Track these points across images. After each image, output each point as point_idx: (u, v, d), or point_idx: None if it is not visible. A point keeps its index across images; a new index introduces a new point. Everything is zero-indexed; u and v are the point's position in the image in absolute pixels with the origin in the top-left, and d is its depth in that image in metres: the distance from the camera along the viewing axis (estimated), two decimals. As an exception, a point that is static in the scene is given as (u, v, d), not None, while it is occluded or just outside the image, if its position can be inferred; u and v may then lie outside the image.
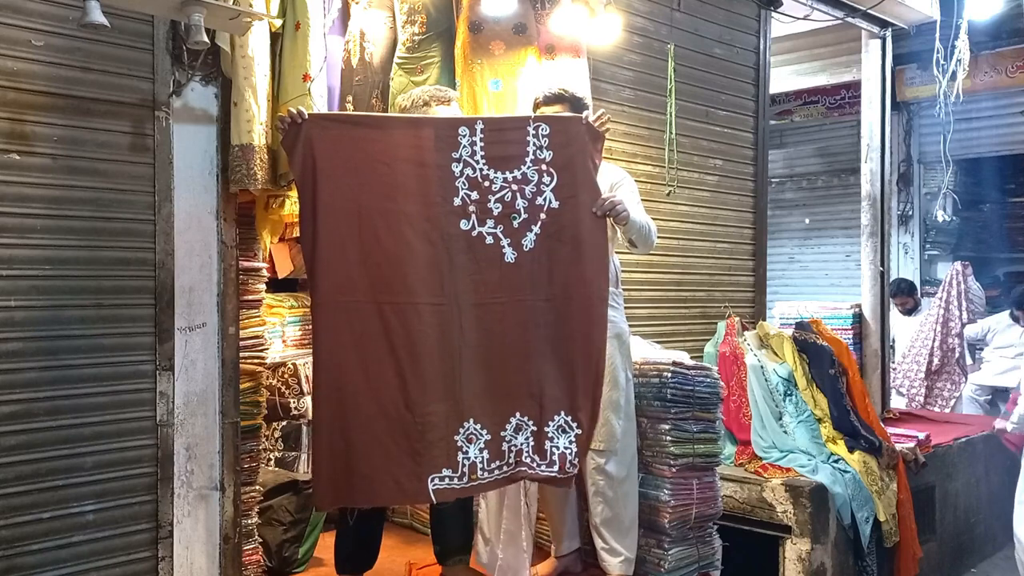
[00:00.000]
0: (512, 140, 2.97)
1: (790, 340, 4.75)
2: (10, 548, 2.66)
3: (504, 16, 3.77)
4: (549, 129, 2.98)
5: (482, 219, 2.94)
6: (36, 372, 2.72)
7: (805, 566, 4.11)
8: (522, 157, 2.96)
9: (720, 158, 5.18)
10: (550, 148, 2.97)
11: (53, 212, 2.76)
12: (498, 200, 2.95)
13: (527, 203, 2.96)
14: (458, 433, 2.89)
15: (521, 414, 2.95)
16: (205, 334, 3.07)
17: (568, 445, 2.94)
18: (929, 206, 8.54)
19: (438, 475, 2.87)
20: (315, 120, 2.86)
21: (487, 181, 2.94)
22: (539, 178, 2.96)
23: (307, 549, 3.72)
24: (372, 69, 3.93)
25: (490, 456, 2.92)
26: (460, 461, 2.89)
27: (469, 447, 2.90)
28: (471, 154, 2.94)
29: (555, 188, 2.96)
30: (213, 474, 3.10)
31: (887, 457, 4.60)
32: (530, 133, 2.97)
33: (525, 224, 2.96)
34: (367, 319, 2.83)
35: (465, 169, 2.93)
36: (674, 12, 4.87)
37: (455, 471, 2.88)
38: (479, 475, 2.90)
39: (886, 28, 6.14)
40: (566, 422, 2.95)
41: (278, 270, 4.75)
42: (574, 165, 2.98)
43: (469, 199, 2.93)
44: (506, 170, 2.95)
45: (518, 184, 2.96)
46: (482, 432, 2.92)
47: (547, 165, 2.97)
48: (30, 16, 2.70)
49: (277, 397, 4.30)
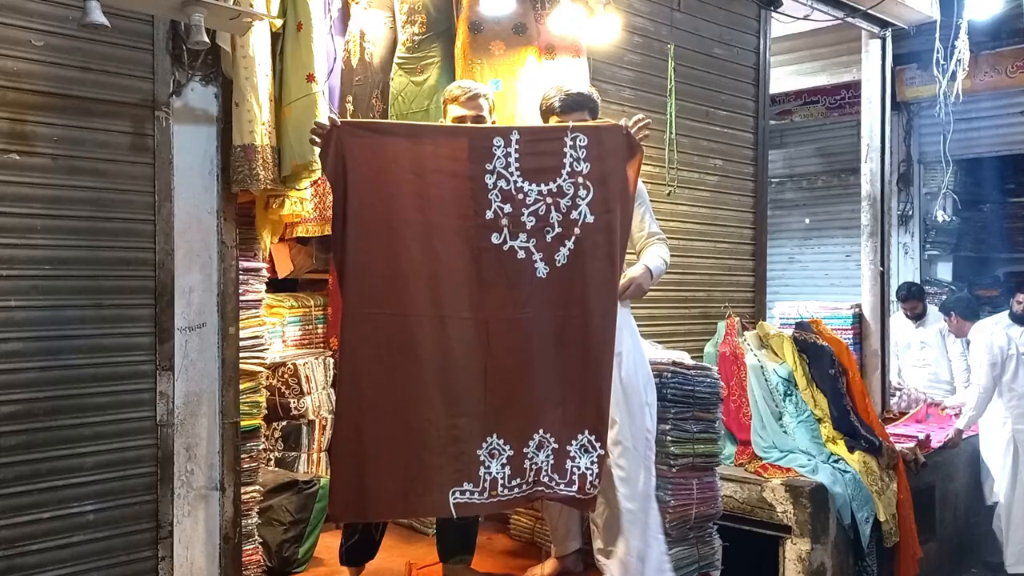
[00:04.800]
0: (548, 151, 2.90)
1: (790, 340, 4.75)
2: (10, 548, 2.66)
3: (504, 16, 3.78)
4: (587, 140, 2.90)
5: (514, 233, 2.87)
6: (36, 372, 2.72)
7: (805, 566, 4.12)
8: (558, 169, 2.88)
9: (720, 158, 5.18)
10: (588, 160, 2.89)
11: (53, 212, 2.75)
12: (532, 213, 2.88)
13: (561, 217, 2.88)
14: (481, 448, 2.86)
15: (544, 431, 2.91)
16: (205, 334, 3.07)
17: (590, 465, 2.90)
18: (929, 206, 8.52)
19: (459, 489, 2.84)
20: (347, 128, 2.83)
21: (521, 194, 2.87)
22: (575, 191, 2.89)
23: (307, 549, 3.72)
24: (372, 69, 3.94)
25: (511, 473, 2.88)
26: (482, 476, 2.85)
27: (491, 462, 2.87)
28: (505, 166, 2.87)
29: (591, 202, 2.88)
30: (213, 474, 3.10)
31: (887, 457, 4.60)
32: (567, 144, 2.89)
33: (559, 239, 2.89)
34: (393, 331, 2.80)
35: (499, 181, 2.86)
36: (674, 12, 4.87)
37: (476, 486, 2.85)
38: (500, 491, 2.87)
39: (886, 28, 6.13)
40: (589, 441, 2.91)
41: (278, 270, 4.75)
42: (611, 178, 2.91)
43: (502, 212, 2.86)
44: (541, 182, 2.88)
45: (553, 197, 2.88)
46: (505, 448, 2.89)
47: (584, 177, 2.89)
48: (30, 16, 2.70)
49: (277, 397, 4.30)
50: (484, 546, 3.74)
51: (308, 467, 4.30)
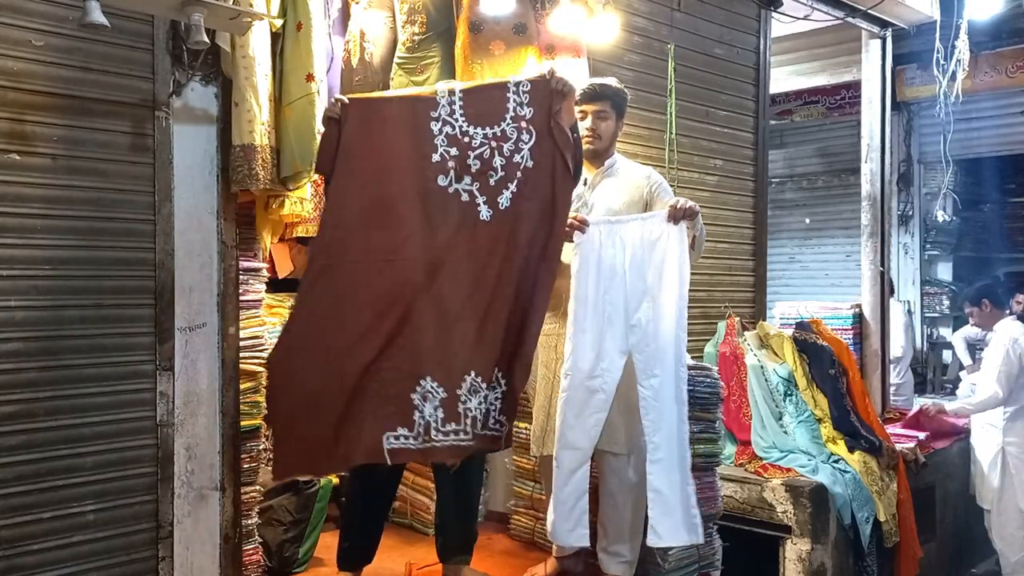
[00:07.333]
0: (491, 98, 2.97)
1: (790, 340, 4.75)
2: (10, 548, 2.66)
3: (504, 16, 3.77)
4: (530, 86, 2.97)
5: (460, 175, 2.94)
6: (36, 372, 2.72)
7: (805, 566, 4.12)
8: (502, 114, 2.95)
9: (720, 158, 5.18)
10: (530, 105, 2.96)
11: (53, 212, 2.75)
12: (477, 157, 2.94)
13: (505, 161, 2.94)
14: (415, 391, 2.86)
15: (475, 374, 2.90)
16: (205, 334, 3.07)
17: (494, 402, 2.91)
18: (929, 206, 8.53)
19: (393, 434, 2.85)
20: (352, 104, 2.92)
21: (466, 137, 2.94)
22: (518, 135, 2.95)
23: (307, 549, 3.72)
24: (372, 69, 3.94)
25: (445, 416, 2.87)
26: (416, 420, 2.86)
27: (425, 405, 2.86)
28: (450, 113, 2.94)
29: (532, 147, 2.95)
30: (213, 474, 3.09)
31: (887, 457, 4.61)
32: (510, 90, 2.96)
33: (501, 182, 2.95)
34: (341, 279, 2.86)
35: (444, 127, 2.93)
36: (674, 12, 4.87)
37: (411, 430, 2.85)
38: (434, 436, 2.86)
39: (886, 28, 6.13)
40: (497, 379, 2.92)
41: (278, 270, 4.74)
42: (550, 124, 2.96)
43: (448, 155, 2.93)
44: (486, 126, 2.95)
45: (497, 141, 2.95)
46: (438, 390, 2.88)
47: (527, 123, 2.95)
48: (30, 16, 2.70)
49: (277, 397, 4.29)
50: (484, 546, 3.74)
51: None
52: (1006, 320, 5.51)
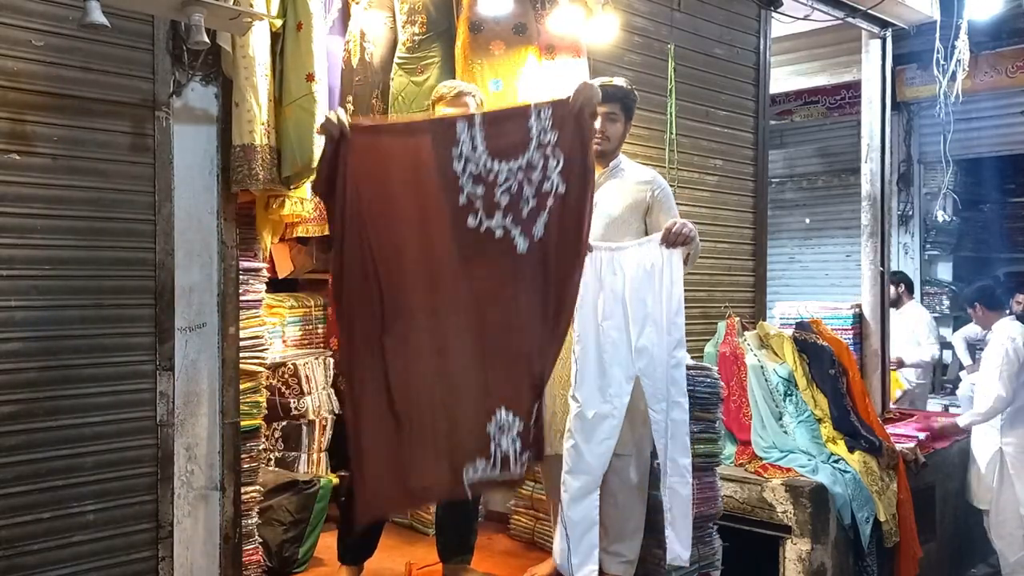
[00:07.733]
0: (515, 127, 2.87)
1: (790, 340, 4.75)
2: (10, 548, 2.66)
3: (504, 16, 3.78)
4: (552, 109, 2.88)
5: (490, 212, 2.85)
6: (36, 372, 2.72)
7: (805, 566, 4.12)
8: (526, 144, 2.85)
9: (720, 158, 5.18)
10: (555, 128, 2.86)
11: (53, 212, 2.75)
12: (505, 191, 2.85)
13: (534, 190, 2.85)
14: (490, 423, 2.85)
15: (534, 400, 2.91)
16: (205, 334, 3.07)
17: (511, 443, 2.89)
18: (929, 206, 8.53)
19: (472, 466, 2.83)
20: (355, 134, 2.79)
21: (492, 175, 2.84)
22: (545, 162, 2.85)
23: (307, 549, 3.72)
24: (372, 69, 3.94)
25: (522, 446, 2.87)
26: (492, 451, 2.85)
27: (502, 437, 2.86)
28: (472, 148, 2.83)
29: (561, 171, 2.86)
30: (213, 474, 3.10)
31: (887, 457, 4.60)
32: (532, 116, 2.86)
33: (535, 212, 2.86)
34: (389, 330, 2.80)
35: (468, 165, 2.83)
36: (674, 12, 4.87)
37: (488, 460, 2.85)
38: (512, 468, 2.87)
39: (886, 28, 6.13)
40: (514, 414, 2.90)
41: (278, 270, 4.75)
42: (575, 145, 2.88)
43: (475, 195, 2.84)
44: (511, 159, 2.85)
45: (524, 173, 2.85)
46: (515, 422, 2.86)
47: (552, 147, 2.86)
48: (30, 16, 2.70)
49: (277, 397, 4.30)
50: (484, 546, 3.74)
51: (308, 467, 4.30)
52: (1004, 320, 5.51)
